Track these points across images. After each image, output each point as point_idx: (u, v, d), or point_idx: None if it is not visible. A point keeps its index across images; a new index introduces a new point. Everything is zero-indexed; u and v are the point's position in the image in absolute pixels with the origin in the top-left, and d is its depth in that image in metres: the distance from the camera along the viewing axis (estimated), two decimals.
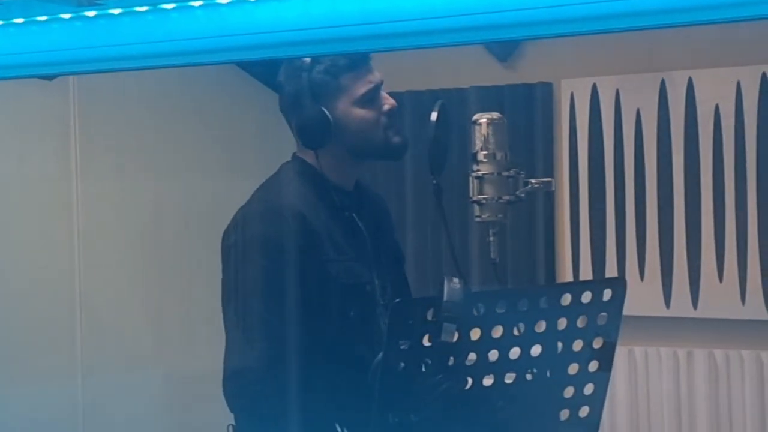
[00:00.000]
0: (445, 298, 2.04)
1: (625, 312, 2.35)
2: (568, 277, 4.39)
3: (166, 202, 4.41)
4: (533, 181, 2.50)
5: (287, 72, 2.50)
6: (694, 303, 4.26)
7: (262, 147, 4.30)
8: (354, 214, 2.52)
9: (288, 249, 2.40)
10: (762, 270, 4.16)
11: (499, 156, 2.45)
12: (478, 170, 2.44)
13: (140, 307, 4.33)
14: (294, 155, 2.57)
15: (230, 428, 2.44)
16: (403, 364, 2.05)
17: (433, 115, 2.46)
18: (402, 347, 2.04)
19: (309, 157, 2.52)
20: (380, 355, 2.06)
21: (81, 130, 4.10)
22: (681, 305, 4.27)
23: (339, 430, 2.37)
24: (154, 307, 4.36)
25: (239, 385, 2.37)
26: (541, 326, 2.18)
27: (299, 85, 2.47)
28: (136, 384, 4.24)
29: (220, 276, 2.48)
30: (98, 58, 1.81)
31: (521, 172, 2.50)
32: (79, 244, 4.09)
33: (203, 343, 4.37)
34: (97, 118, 4.16)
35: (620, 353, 4.30)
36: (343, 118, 2.48)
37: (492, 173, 2.44)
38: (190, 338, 4.41)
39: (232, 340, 2.41)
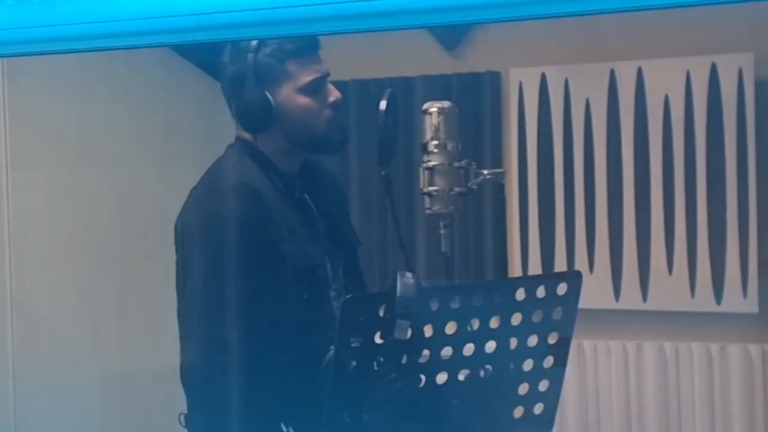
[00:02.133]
0: (398, 294, 1.99)
1: None
2: (518, 270, 4.35)
3: (100, 193, 4.28)
4: (485, 172, 2.47)
5: (232, 52, 2.44)
6: (644, 296, 4.23)
7: (199, 135, 4.21)
8: (305, 195, 2.48)
9: (240, 228, 2.36)
10: (711, 262, 4.14)
11: (450, 146, 2.41)
12: (429, 161, 2.40)
13: (75, 304, 4.20)
14: (236, 136, 2.52)
15: (181, 417, 2.40)
16: (354, 363, 2.01)
17: (382, 104, 2.42)
18: (353, 345, 1.99)
19: (251, 138, 2.47)
20: (331, 353, 2.00)
21: (11, 118, 3.97)
22: (630, 298, 4.24)
23: (284, 429, 2.32)
24: (90, 304, 4.24)
25: (195, 372, 2.33)
26: (496, 322, 2.14)
27: (243, 66, 2.42)
28: (72, 386, 4.12)
29: (167, 263, 2.43)
30: (29, 40, 1.72)
31: (472, 163, 2.45)
32: (9, 240, 3.96)
33: (141, 340, 4.29)
34: (28, 107, 4.03)
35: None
36: (286, 105, 2.43)
37: (443, 164, 2.40)
38: (128, 335, 4.30)
39: (188, 324, 2.36)
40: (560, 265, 4.29)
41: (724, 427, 4.13)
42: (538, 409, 2.28)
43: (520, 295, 2.18)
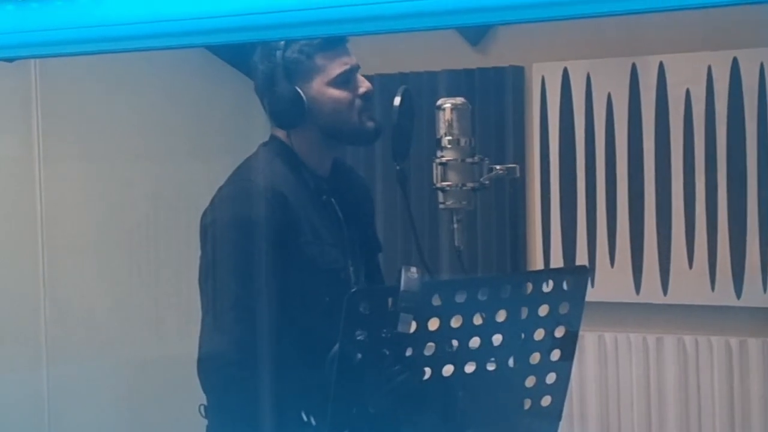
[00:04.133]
0: (402, 288, 2.01)
1: (596, 298, 2.34)
2: (539, 265, 4.37)
3: (133, 186, 4.36)
4: (498, 167, 2.47)
5: (262, 52, 2.47)
6: (664, 289, 4.25)
7: (232, 132, 4.26)
8: (332, 199, 2.49)
9: (265, 230, 2.39)
10: (732, 256, 4.15)
11: (463, 142, 2.42)
12: (442, 156, 2.42)
13: (107, 293, 4.28)
14: (271, 135, 2.53)
15: (201, 408, 2.43)
16: (360, 355, 2.03)
17: (396, 100, 2.44)
18: (359, 338, 2.02)
19: (285, 137, 2.49)
20: (336, 346, 2.03)
21: (44, 112, 4.04)
22: (651, 291, 4.26)
23: (305, 418, 2.35)
24: (122, 292, 4.32)
25: (213, 367, 2.36)
26: (502, 315, 2.16)
27: (273, 64, 2.44)
28: (103, 371, 4.20)
29: (198, 255, 2.46)
30: (59, 41, 1.76)
31: (485, 158, 2.47)
32: (43, 230, 4.03)
33: (172, 328, 4.35)
34: (61, 101, 4.10)
35: (590, 339, 4.29)
36: (317, 99, 2.45)
37: (456, 159, 2.42)
38: (159, 323, 4.37)
39: (208, 319, 2.39)
40: (581, 259, 4.31)
41: (743, 421, 4.13)
42: (545, 401, 2.29)
43: (527, 289, 2.20)
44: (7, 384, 3.93)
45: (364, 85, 2.52)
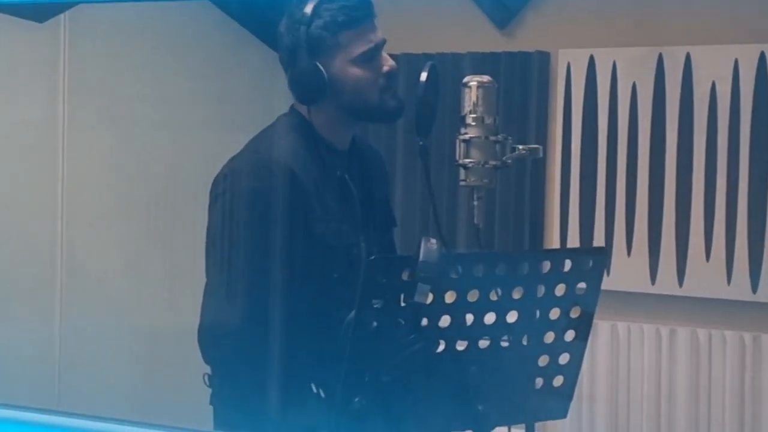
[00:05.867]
0: (420, 258, 2.01)
1: (611, 287, 2.32)
2: (555, 246, 4.37)
3: (154, 153, 4.37)
4: (521, 147, 2.46)
5: (287, 25, 2.46)
6: (680, 281, 4.24)
7: (255, 103, 4.26)
8: (346, 175, 2.47)
9: (274, 204, 2.37)
10: (749, 251, 4.14)
11: (487, 120, 2.42)
12: (466, 133, 2.41)
13: (123, 257, 4.30)
14: (292, 107, 2.52)
15: (205, 377, 2.42)
16: (375, 323, 2.03)
17: (423, 76, 2.43)
18: (375, 306, 2.02)
19: (305, 112, 2.47)
20: (352, 313, 2.04)
21: (71, 75, 4.05)
22: (667, 282, 4.25)
23: (315, 389, 2.35)
24: (138, 258, 4.34)
25: (215, 337, 2.34)
26: (519, 292, 2.16)
27: (297, 38, 2.42)
28: (114, 333, 4.22)
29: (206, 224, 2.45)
30: None
31: (509, 137, 2.46)
32: (63, 191, 4.05)
33: (185, 296, 4.36)
34: (89, 65, 4.11)
35: (603, 328, 4.29)
36: (339, 76, 2.43)
37: (479, 137, 2.41)
38: (172, 291, 4.38)
39: (212, 290, 2.38)
40: (598, 244, 4.30)
41: (753, 416, 4.13)
42: (557, 381, 2.29)
43: (545, 267, 2.19)
44: (21, 339, 3.95)
45: (387, 64, 2.49)
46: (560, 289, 2.21)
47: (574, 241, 4.38)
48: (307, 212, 2.39)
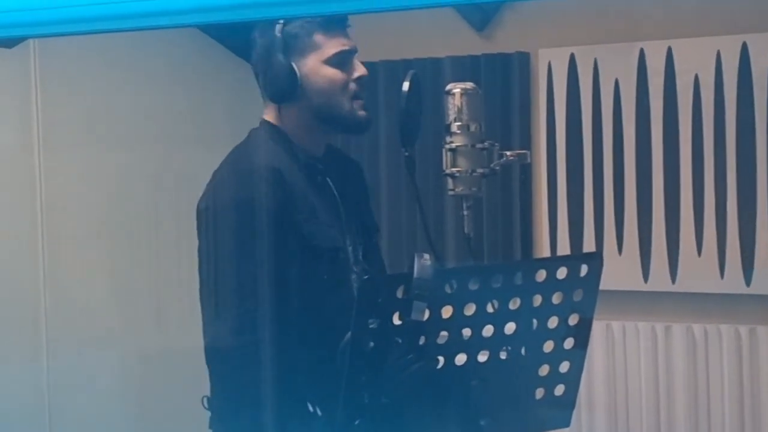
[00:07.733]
0: (415, 276, 1.99)
1: (603, 286, 2.30)
2: (545, 252, 4.34)
3: (133, 173, 4.31)
4: (508, 153, 2.45)
5: (262, 26, 2.47)
6: (673, 277, 4.21)
7: (231, 118, 4.21)
8: (327, 179, 2.48)
9: (264, 208, 2.37)
10: (741, 243, 4.12)
11: (473, 128, 2.40)
12: (452, 142, 2.40)
13: (108, 282, 4.24)
14: (261, 120, 2.52)
15: (204, 399, 2.41)
16: (372, 344, 2.01)
17: (405, 85, 2.42)
18: (371, 326, 1.99)
19: (276, 120, 2.48)
20: (348, 334, 2.00)
21: (43, 99, 3.99)
22: (659, 279, 4.23)
23: (311, 408, 2.33)
24: (123, 282, 4.28)
25: (220, 353, 2.34)
26: (516, 303, 2.14)
27: (271, 37, 2.44)
28: (104, 363, 4.16)
29: (196, 244, 2.44)
30: (58, 20, 1.73)
31: (496, 144, 2.44)
32: (42, 219, 3.99)
33: (173, 319, 4.31)
34: (60, 88, 4.05)
35: (598, 328, 4.26)
36: (311, 76, 2.44)
37: (466, 145, 2.39)
38: (160, 314, 4.33)
39: (211, 306, 2.38)
40: (589, 246, 4.28)
41: (753, 409, 4.11)
42: (559, 390, 2.27)
43: (541, 276, 2.17)
44: (7, 376, 3.89)
45: (359, 70, 2.50)
46: (557, 297, 2.20)
47: (563, 241, 4.35)
48: (296, 214, 2.39)
